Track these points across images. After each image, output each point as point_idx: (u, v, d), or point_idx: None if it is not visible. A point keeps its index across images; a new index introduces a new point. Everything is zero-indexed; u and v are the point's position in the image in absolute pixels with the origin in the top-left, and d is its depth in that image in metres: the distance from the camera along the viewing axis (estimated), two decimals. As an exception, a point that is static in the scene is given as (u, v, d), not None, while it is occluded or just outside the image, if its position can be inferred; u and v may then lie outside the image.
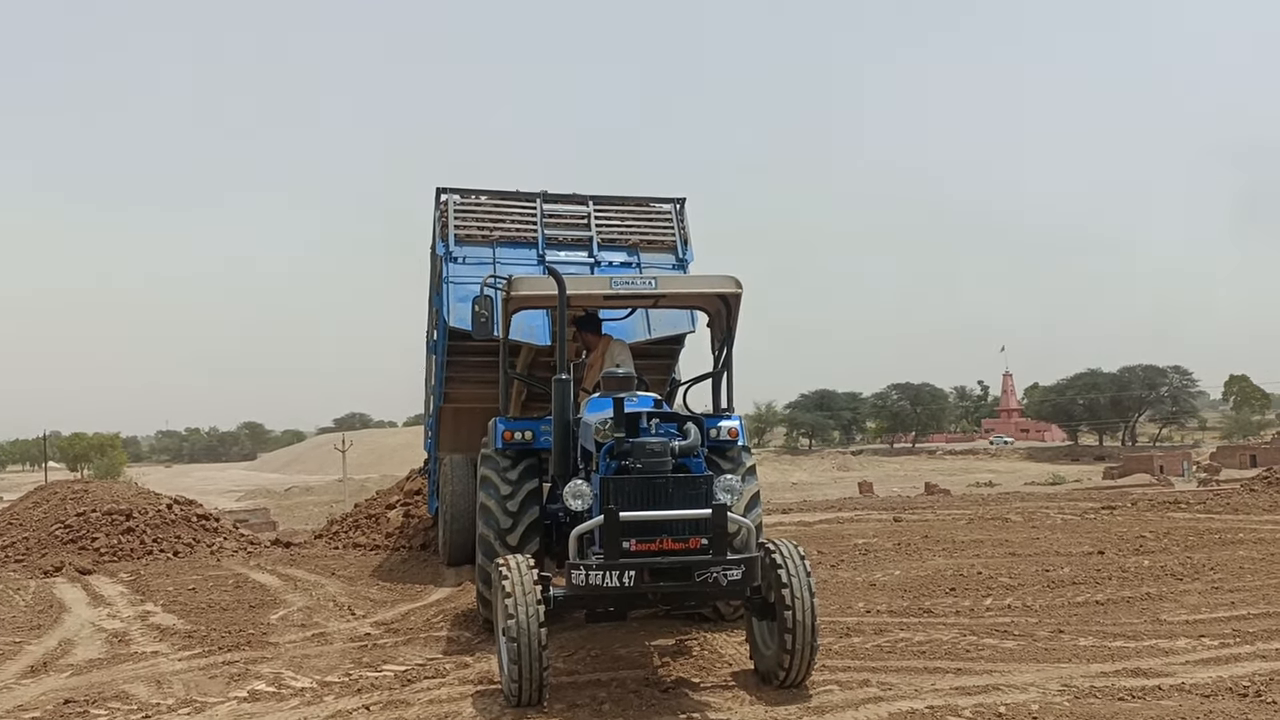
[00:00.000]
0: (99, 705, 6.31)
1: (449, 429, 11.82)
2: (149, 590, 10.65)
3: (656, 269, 10.78)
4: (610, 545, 5.57)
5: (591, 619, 6.25)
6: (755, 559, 5.78)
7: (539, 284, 7.68)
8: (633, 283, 7.56)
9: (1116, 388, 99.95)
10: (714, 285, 7.65)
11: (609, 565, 5.53)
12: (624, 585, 5.49)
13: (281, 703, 6.24)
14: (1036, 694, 5.75)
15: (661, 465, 5.95)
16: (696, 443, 6.29)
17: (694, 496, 5.85)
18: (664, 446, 6.01)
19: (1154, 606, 8.14)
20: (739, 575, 5.59)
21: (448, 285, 10.38)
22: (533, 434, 7.81)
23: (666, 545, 5.64)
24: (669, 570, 5.59)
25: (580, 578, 5.59)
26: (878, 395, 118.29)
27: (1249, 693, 5.63)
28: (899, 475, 76.33)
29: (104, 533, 13.06)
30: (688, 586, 5.59)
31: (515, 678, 5.56)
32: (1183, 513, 15.14)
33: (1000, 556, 11.03)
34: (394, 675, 6.73)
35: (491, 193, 11.27)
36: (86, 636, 8.49)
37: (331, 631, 8.36)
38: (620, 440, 6.07)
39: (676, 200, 11.47)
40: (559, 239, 11.05)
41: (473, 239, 10.80)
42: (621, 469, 6.01)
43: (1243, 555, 10.51)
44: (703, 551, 5.65)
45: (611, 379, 6.91)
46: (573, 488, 6.04)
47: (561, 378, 6.74)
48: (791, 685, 5.82)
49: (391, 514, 14.02)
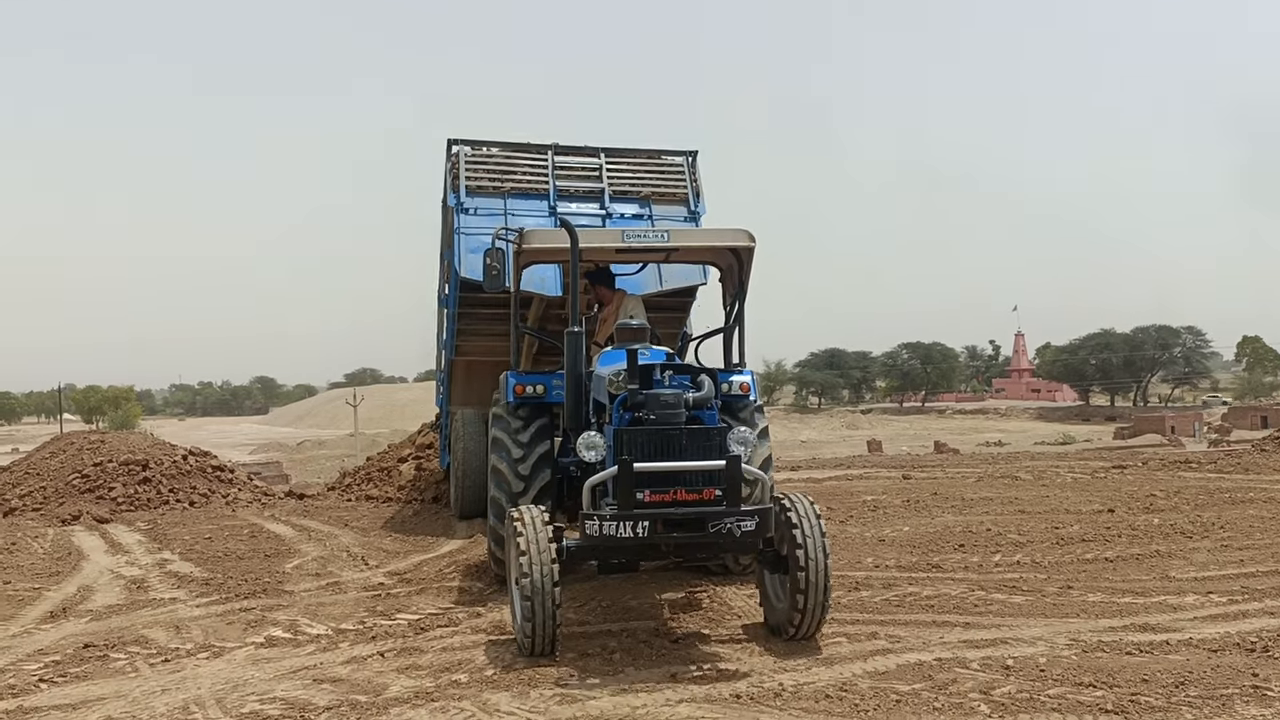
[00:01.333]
0: (118, 649, 6.42)
1: (460, 383, 11.86)
2: (166, 539, 10.79)
3: (668, 221, 10.70)
4: (624, 496, 5.56)
5: (603, 570, 6.30)
6: (769, 510, 5.78)
7: (551, 236, 7.63)
8: (645, 235, 7.49)
9: (1129, 348, 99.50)
10: (727, 238, 7.56)
11: (623, 516, 5.53)
12: (638, 536, 5.50)
13: (298, 649, 6.34)
14: (1044, 648, 5.79)
15: (675, 417, 5.93)
16: (710, 395, 6.27)
17: (707, 448, 5.83)
18: (677, 398, 5.99)
19: (1163, 564, 8.17)
20: (753, 527, 5.59)
21: (459, 236, 10.34)
22: (544, 388, 7.75)
23: (680, 496, 5.65)
24: (682, 521, 5.60)
25: (594, 528, 5.60)
26: (888, 354, 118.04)
27: (1256, 648, 5.66)
28: (908, 434, 76.36)
29: (121, 482, 13.22)
30: (701, 537, 5.60)
31: (528, 629, 5.60)
32: (1193, 472, 15.14)
33: (1009, 514, 11.07)
34: (407, 624, 6.82)
35: (502, 144, 11.22)
36: (105, 583, 8.61)
37: (345, 581, 8.47)
38: (634, 392, 6.03)
39: (689, 152, 11.38)
40: (570, 190, 11.00)
41: (484, 190, 10.76)
42: (635, 420, 5.99)
43: (1252, 514, 10.51)
44: (716, 503, 5.65)
45: (625, 330, 6.85)
46: (586, 439, 6.05)
47: (573, 330, 6.72)
48: (802, 639, 5.89)
49: (403, 467, 14.13)
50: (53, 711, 5.27)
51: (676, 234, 7.56)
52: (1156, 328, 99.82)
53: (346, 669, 5.85)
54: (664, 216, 10.90)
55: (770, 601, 6.20)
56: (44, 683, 5.77)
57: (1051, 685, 5.12)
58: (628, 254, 7.93)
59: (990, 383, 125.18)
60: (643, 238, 7.42)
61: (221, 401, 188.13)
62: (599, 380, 6.73)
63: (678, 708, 4.93)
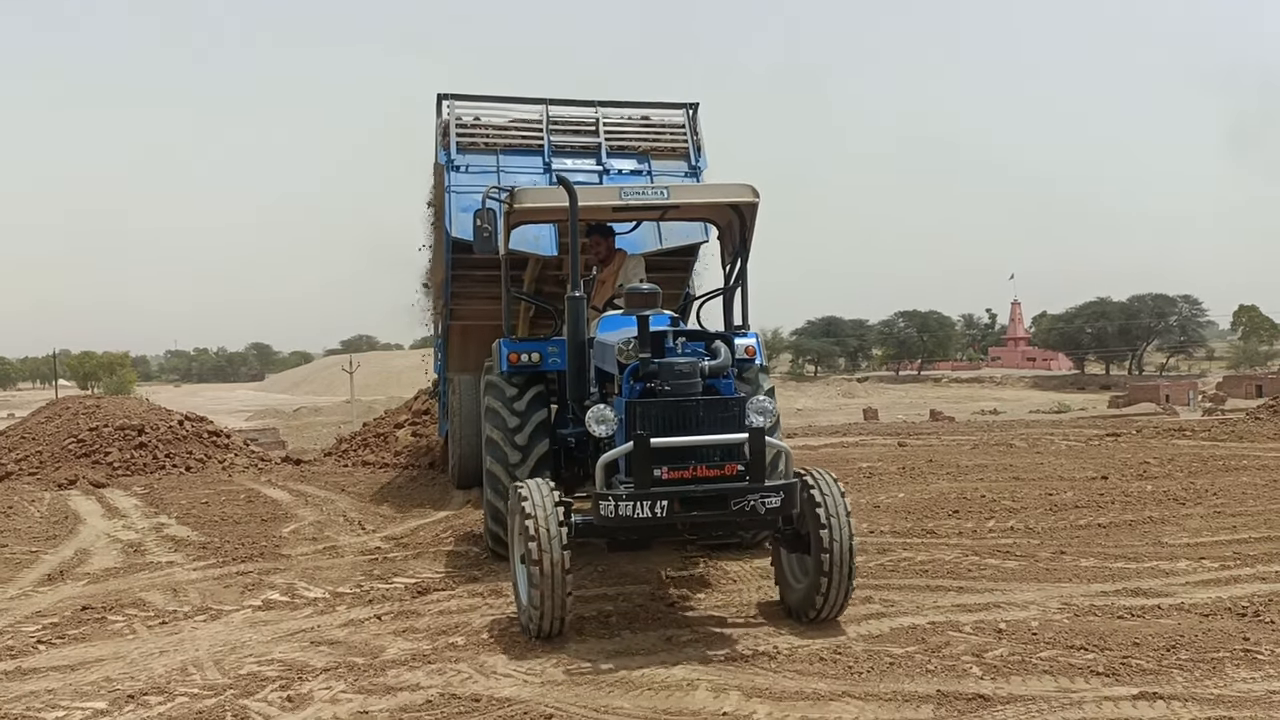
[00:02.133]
0: (116, 612, 6.46)
1: (457, 348, 11.63)
2: (162, 503, 10.82)
3: (668, 177, 10.31)
4: (641, 473, 5.22)
5: (613, 547, 6.04)
6: (794, 486, 5.44)
7: (544, 195, 7.33)
8: (644, 193, 7.06)
9: (1125, 317, 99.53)
10: (730, 194, 7.19)
11: (640, 495, 5.19)
12: (656, 516, 5.18)
13: (295, 611, 6.38)
14: (1037, 611, 5.84)
15: (691, 387, 5.60)
16: (727, 362, 5.89)
17: (726, 420, 5.54)
18: (693, 367, 5.66)
19: (1156, 530, 8.22)
20: (777, 503, 5.31)
21: (450, 195, 9.98)
22: (540, 355, 7.46)
23: (701, 473, 5.33)
24: (703, 499, 5.28)
25: (609, 509, 5.22)
26: (884, 323, 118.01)
27: (1247, 613, 5.71)
28: (904, 402, 76.44)
29: (117, 447, 13.23)
30: (723, 515, 5.32)
31: (537, 605, 5.27)
32: (1187, 440, 15.19)
33: (1004, 480, 11.12)
34: (404, 587, 6.86)
35: (495, 98, 10.86)
36: (102, 547, 8.64)
37: (342, 545, 8.50)
38: (645, 361, 5.66)
39: (690, 105, 10.96)
40: (566, 146, 10.64)
41: (476, 147, 10.41)
42: (646, 392, 5.64)
43: (1245, 481, 10.57)
44: (738, 478, 5.35)
45: (635, 295, 6.27)
46: (596, 413, 5.64)
47: (574, 295, 6.45)
48: (822, 622, 5.59)
49: (400, 433, 14.16)
50: (51, 673, 5.30)
51: (676, 190, 7.21)
52: (1153, 296, 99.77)
53: (344, 632, 5.88)
54: (663, 172, 10.52)
55: (788, 581, 5.91)
56: (42, 644, 5.81)
57: (1043, 648, 5.16)
58: (625, 212, 7.56)
59: (986, 351, 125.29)
60: (641, 194, 7.02)
61: (217, 368, 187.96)
62: (603, 348, 6.41)
63: (673, 670, 4.97)
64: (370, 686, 4.91)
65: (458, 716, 4.51)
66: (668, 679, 4.86)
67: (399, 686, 4.91)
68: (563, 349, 7.05)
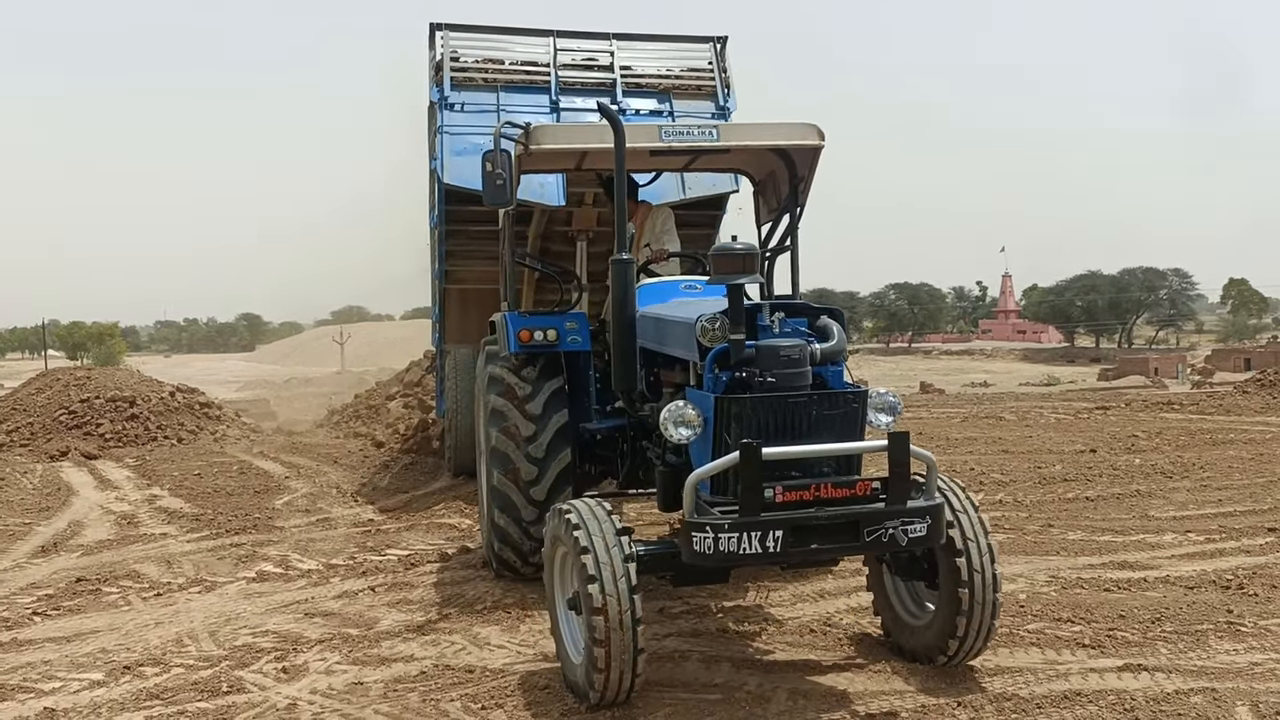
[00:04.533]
0: (110, 583, 6.49)
1: (455, 317, 10.39)
2: (155, 475, 10.83)
3: (690, 118, 8.95)
4: (749, 495, 3.95)
5: (679, 582, 4.65)
6: (940, 508, 4.22)
7: (568, 134, 6.24)
8: (688, 133, 5.70)
9: (1115, 290, 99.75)
10: (792, 135, 5.74)
11: (748, 524, 3.93)
12: (768, 551, 3.94)
13: (289, 583, 6.42)
14: (1024, 584, 5.90)
15: (799, 378, 4.37)
16: (843, 345, 4.61)
17: (845, 420, 4.40)
18: (802, 352, 4.40)
19: (1143, 503, 8.30)
20: (923, 531, 4.11)
21: (442, 136, 8.77)
22: (557, 333, 6.06)
23: (825, 492, 4.12)
24: (828, 527, 4.04)
25: (706, 543, 3.93)
26: (875, 295, 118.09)
27: (1231, 585, 5.78)
28: (894, 375, 76.54)
29: (108, 419, 13.22)
30: (852, 546, 4.14)
31: (601, 667, 4.02)
32: (1175, 413, 15.30)
33: (993, 454, 11.19)
34: (397, 559, 6.90)
35: (495, 29, 9.77)
36: (95, 518, 8.66)
37: (335, 517, 8.54)
38: (738, 344, 4.38)
39: (716, 38, 9.66)
40: (575, 83, 9.39)
41: (473, 83, 9.20)
42: (735, 383, 4.40)
43: (1232, 455, 10.66)
44: (871, 498, 4.18)
45: (725, 257, 4.56)
46: (676, 411, 4.38)
47: (621, 258, 5.10)
48: (952, 667, 4.57)
49: (392, 405, 14.17)
50: (47, 644, 5.33)
51: (727, 130, 5.87)
52: (1143, 270, 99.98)
53: (337, 603, 5.93)
54: (687, 113, 9.29)
55: (898, 615, 4.83)
56: (38, 616, 5.85)
57: (1031, 620, 5.23)
58: (665, 157, 6.23)
59: (977, 324, 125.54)
60: (685, 135, 5.68)
61: (207, 338, 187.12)
62: (660, 325, 5.20)
63: (665, 641, 5.02)
64: (365, 658, 4.96)
65: (452, 687, 4.55)
66: (660, 650, 4.88)
67: (393, 658, 4.96)
68: (583, 324, 6.16)
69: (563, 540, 4.34)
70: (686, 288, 5.83)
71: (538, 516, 5.76)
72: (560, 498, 5.73)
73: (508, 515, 5.90)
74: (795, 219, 6.00)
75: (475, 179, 8.65)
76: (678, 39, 10.00)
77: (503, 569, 6.14)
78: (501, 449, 5.90)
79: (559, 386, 6.03)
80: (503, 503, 5.91)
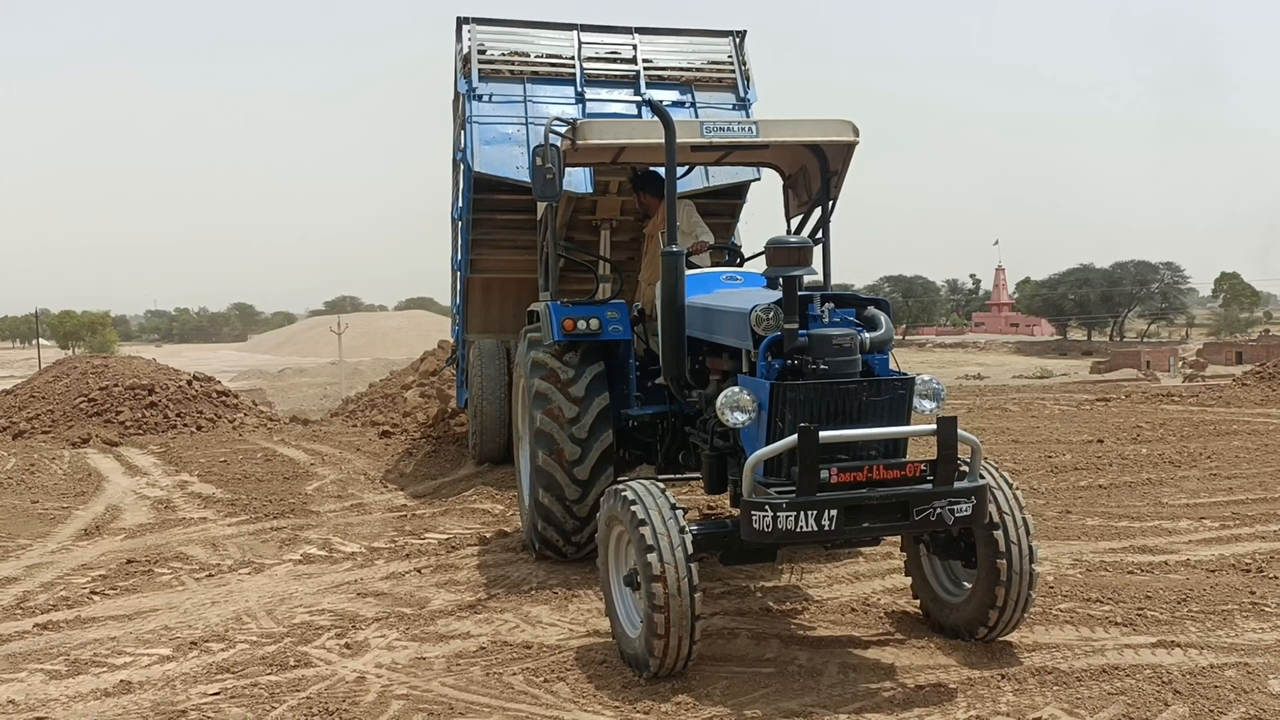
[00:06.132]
0: (161, 565, 6.67)
1: (478, 307, 10.52)
2: (181, 461, 10.98)
3: (713, 110, 9.51)
4: (806, 475, 4.21)
5: (729, 560, 4.95)
6: (984, 489, 4.47)
7: (614, 129, 6.41)
8: (730, 128, 5.86)
9: (1108, 283, 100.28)
10: (828, 132, 5.95)
11: (805, 504, 4.21)
12: (822, 528, 4.22)
13: (335, 565, 6.60)
14: (1050, 567, 6.11)
15: (849, 365, 4.61)
16: (890, 334, 4.87)
17: (894, 406, 4.66)
18: (852, 340, 4.64)
19: (1155, 491, 8.51)
20: (969, 511, 4.36)
21: (471, 126, 9.09)
22: (599, 322, 6.32)
23: (879, 473, 4.38)
24: (879, 507, 4.32)
25: (765, 521, 4.21)
26: (870, 288, 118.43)
27: (1251, 568, 6.01)
28: (889, 367, 76.90)
29: (128, 407, 13.35)
30: (902, 524, 4.40)
31: (660, 633, 4.26)
32: (1176, 405, 15.52)
33: (1003, 444, 11.40)
34: (438, 543, 7.09)
35: (521, 23, 10.03)
36: (131, 503, 8.82)
37: (368, 502, 8.71)
38: (791, 333, 4.62)
39: (736, 32, 10.05)
40: (600, 75, 9.73)
41: (500, 75, 9.49)
42: (787, 370, 4.66)
43: (1238, 445, 10.88)
44: (920, 479, 4.41)
45: (781, 250, 4.90)
46: (732, 397, 4.62)
47: (672, 249, 5.37)
48: (991, 641, 4.83)
49: (408, 394, 14.31)
50: (109, 621, 5.51)
51: (765, 126, 5.93)
52: (1135, 263, 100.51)
53: (387, 584, 6.12)
54: (709, 105, 9.69)
55: (937, 595, 5.08)
56: (96, 595, 6.02)
57: (1061, 600, 5.44)
58: (705, 153, 6.35)
59: (970, 317, 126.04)
60: (727, 131, 5.83)
61: (199, 328, 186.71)
62: (710, 314, 5.48)
63: (712, 619, 5.20)
64: (423, 635, 5.15)
65: (512, 661, 4.75)
66: (708, 629, 5.05)
67: (450, 635, 5.15)
68: (623, 313, 6.41)
69: (619, 518, 4.58)
70: (728, 279, 6.04)
71: (581, 495, 6.08)
72: (602, 477, 6.07)
73: (551, 494, 6.11)
74: (827, 213, 6.20)
75: (505, 167, 9.09)
76: (698, 33, 10.27)
77: (545, 549, 6.33)
78: (546, 430, 6.12)
79: (600, 371, 6.28)
80: (547, 482, 6.11)
